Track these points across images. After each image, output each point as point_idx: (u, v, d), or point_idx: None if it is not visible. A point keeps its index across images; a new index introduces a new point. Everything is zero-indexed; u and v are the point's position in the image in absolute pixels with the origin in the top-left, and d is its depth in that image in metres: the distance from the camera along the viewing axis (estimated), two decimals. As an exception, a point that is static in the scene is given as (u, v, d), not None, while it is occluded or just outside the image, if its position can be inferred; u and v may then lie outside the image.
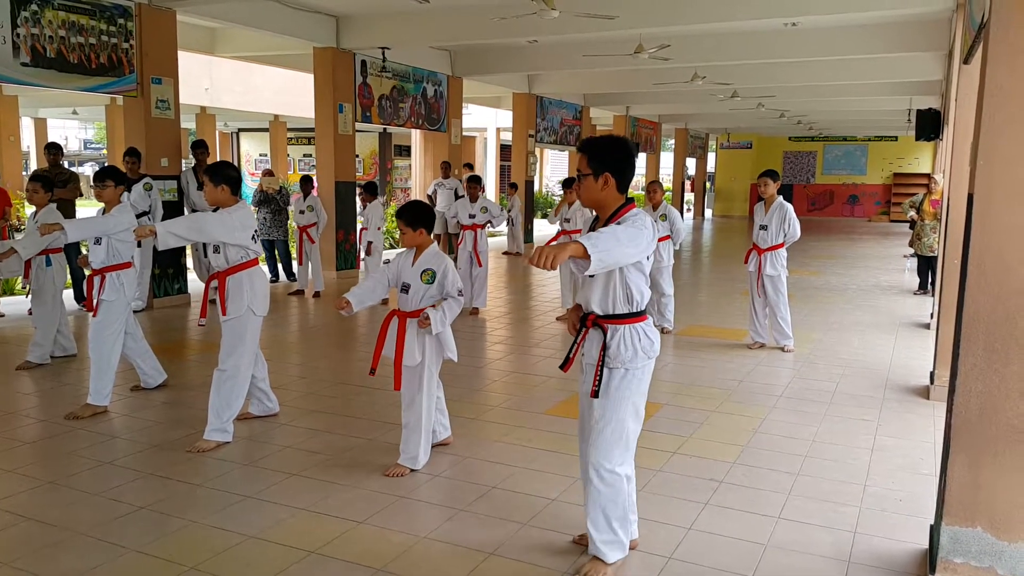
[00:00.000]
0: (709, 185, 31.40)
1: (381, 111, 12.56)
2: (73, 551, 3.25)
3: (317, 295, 9.69)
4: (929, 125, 12.35)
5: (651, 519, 3.56)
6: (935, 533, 3.04)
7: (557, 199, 27.96)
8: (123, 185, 5.30)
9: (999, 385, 2.80)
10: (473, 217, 8.73)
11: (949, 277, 5.56)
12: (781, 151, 28.73)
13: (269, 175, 11.01)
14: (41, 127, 24.88)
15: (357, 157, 13.19)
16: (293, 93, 18.70)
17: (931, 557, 3.06)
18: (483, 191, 9.30)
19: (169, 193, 9.01)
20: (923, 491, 3.91)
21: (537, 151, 19.22)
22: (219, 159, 23.59)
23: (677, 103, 18.72)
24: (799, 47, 11.35)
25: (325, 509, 3.66)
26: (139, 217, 8.25)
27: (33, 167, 25.20)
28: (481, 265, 8.68)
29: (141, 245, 8.36)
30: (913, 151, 26.85)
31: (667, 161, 29.38)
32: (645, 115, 22.55)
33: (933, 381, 5.64)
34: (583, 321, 3.07)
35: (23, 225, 12.59)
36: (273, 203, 10.54)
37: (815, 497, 3.86)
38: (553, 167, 34.05)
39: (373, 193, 9.64)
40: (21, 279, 8.82)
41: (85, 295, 8.50)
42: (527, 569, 3.15)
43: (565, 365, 3.16)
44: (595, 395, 2.97)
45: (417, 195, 17.66)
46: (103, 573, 3.08)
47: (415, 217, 4.06)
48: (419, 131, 15.80)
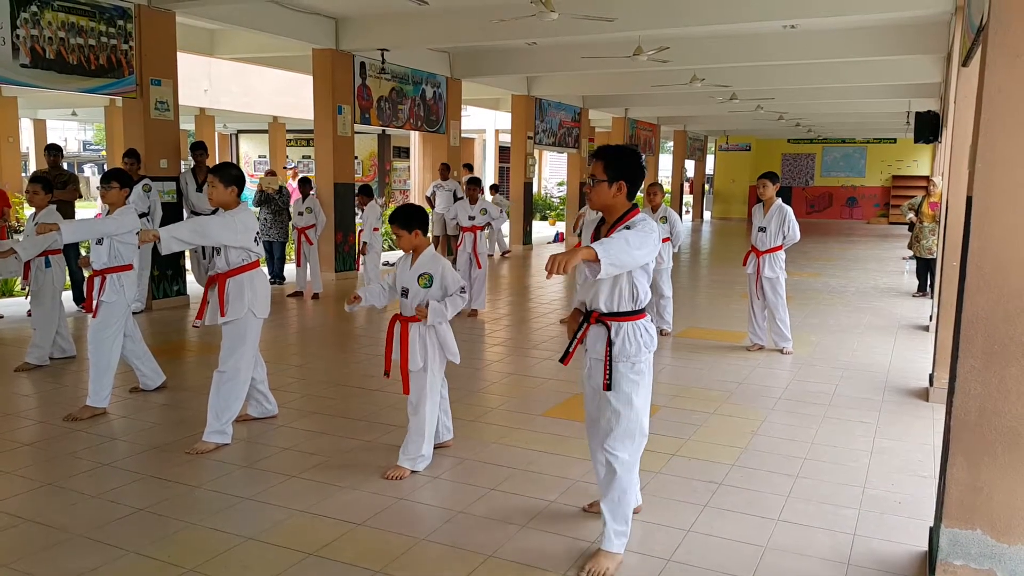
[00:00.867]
0: (708, 187, 31.42)
1: (380, 113, 12.56)
2: (72, 553, 3.24)
3: (316, 297, 9.68)
4: (928, 127, 12.36)
5: (650, 521, 3.56)
6: (934, 535, 3.04)
7: (556, 201, 28.04)
8: (128, 187, 5.32)
9: (998, 387, 2.80)
10: (472, 219, 8.73)
11: (948, 279, 5.56)
12: (780, 153, 28.76)
13: (271, 175, 11.01)
14: (40, 128, 24.88)
15: (356, 159, 13.19)
16: (292, 95, 18.71)
17: (930, 559, 3.06)
18: (483, 193, 9.30)
19: (168, 194, 9.00)
20: (922, 493, 3.91)
21: (536, 153, 19.22)
22: (218, 161, 23.64)
23: (676, 105, 18.73)
24: (798, 49, 11.36)
25: (324, 511, 3.66)
26: (139, 218, 8.27)
27: (32, 168, 25.19)
28: (480, 267, 8.68)
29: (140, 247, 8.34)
30: (912, 153, 26.88)
31: (666, 163, 29.42)
32: (644, 117, 22.58)
33: (932, 383, 5.64)
34: (585, 317, 3.23)
35: (22, 226, 12.58)
36: (273, 203, 10.53)
37: (814, 499, 3.86)
38: (552, 169, 34.05)
39: (369, 195, 9.67)
40: (20, 280, 8.81)
41: (85, 296, 8.51)
42: (526, 571, 3.14)
43: (565, 358, 3.29)
44: (607, 388, 3.15)
45: (416, 197, 17.69)
46: (102, 575, 3.08)
47: (409, 219, 4.06)
48: (418, 133, 15.83)
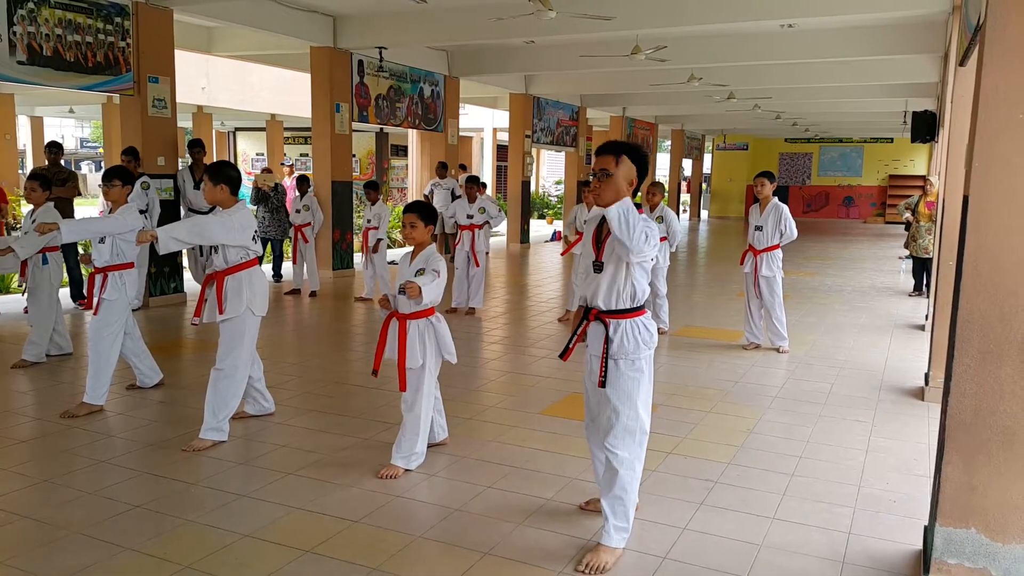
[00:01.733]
0: (705, 186, 31.44)
1: (378, 111, 12.55)
2: (68, 549, 3.24)
3: (313, 295, 9.68)
4: (925, 127, 12.38)
5: (646, 519, 3.57)
6: (929, 534, 3.05)
7: (553, 200, 28.01)
8: (130, 185, 5.31)
9: (993, 386, 2.81)
10: (471, 217, 8.74)
11: (944, 279, 5.57)
12: (777, 152, 28.79)
13: (267, 172, 11.01)
14: (37, 125, 24.83)
15: (354, 157, 13.19)
16: (290, 92, 18.68)
17: (925, 558, 3.07)
18: (481, 192, 9.30)
19: (166, 192, 9.00)
20: (917, 492, 3.93)
21: (534, 152, 19.22)
22: (216, 158, 23.60)
23: (673, 104, 18.74)
24: (795, 49, 11.37)
25: (320, 508, 3.66)
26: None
27: (29, 166, 25.13)
28: (478, 265, 8.68)
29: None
30: (909, 153, 26.93)
31: (663, 162, 29.46)
32: (642, 116, 22.59)
33: (928, 382, 5.65)
34: (585, 315, 3.24)
35: (19, 223, 12.56)
36: (269, 201, 10.53)
37: (810, 498, 3.87)
38: (549, 168, 34.05)
39: (378, 191, 9.66)
40: (17, 277, 8.80)
41: (84, 294, 8.51)
42: (522, 568, 3.15)
43: (564, 354, 3.31)
44: (602, 385, 3.16)
45: (414, 195, 17.68)
46: (98, 571, 3.08)
47: (430, 214, 4.11)
48: (416, 131, 15.83)
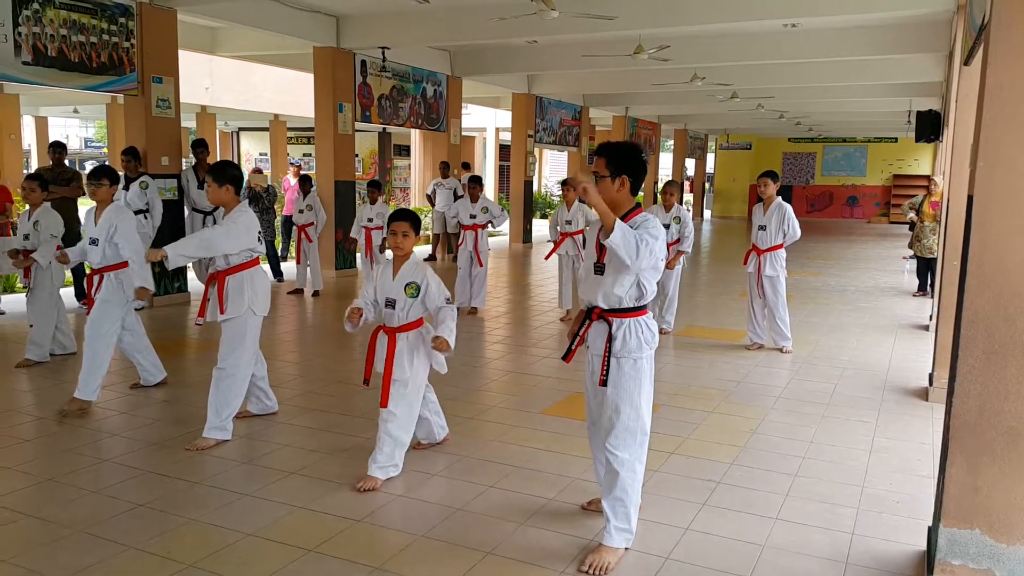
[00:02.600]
0: (708, 186, 31.41)
1: (381, 111, 12.56)
2: (71, 548, 3.25)
3: (316, 294, 9.69)
4: (929, 127, 12.36)
5: (648, 519, 3.56)
6: (933, 535, 3.04)
7: (556, 199, 28.02)
8: (117, 184, 5.29)
9: (998, 387, 2.80)
10: (474, 217, 8.74)
11: (948, 279, 5.57)
12: (780, 152, 28.74)
13: (258, 173, 11.04)
14: (42, 125, 24.87)
15: (357, 157, 13.19)
16: (293, 92, 18.70)
17: (929, 559, 3.07)
18: (483, 191, 9.30)
19: (170, 192, 9.01)
20: (921, 493, 3.92)
21: (536, 151, 19.21)
22: (219, 158, 23.62)
23: (676, 104, 18.72)
24: (799, 48, 11.35)
25: (323, 507, 3.66)
26: (136, 215, 8.26)
27: (34, 165, 25.20)
28: (481, 265, 8.68)
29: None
30: (913, 153, 26.86)
31: (666, 162, 29.43)
32: (644, 116, 22.57)
33: (932, 383, 5.64)
34: (587, 314, 3.24)
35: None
36: (260, 201, 10.55)
37: (813, 498, 3.86)
38: (552, 167, 34.06)
39: (380, 190, 9.68)
40: (20, 277, 8.81)
41: (86, 293, 8.52)
42: (524, 568, 3.15)
43: (567, 356, 3.32)
44: (603, 384, 3.16)
45: (416, 195, 17.69)
46: (101, 570, 3.08)
47: (418, 222, 4.00)
48: (418, 131, 15.83)
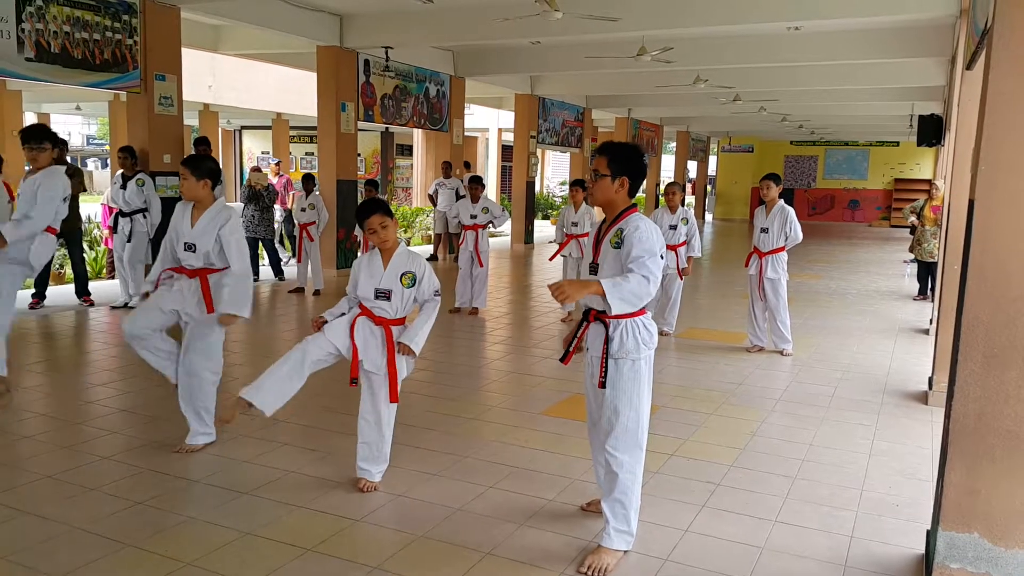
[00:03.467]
0: (710, 188, 31.41)
1: (384, 110, 12.57)
2: (70, 546, 3.25)
3: (317, 293, 9.69)
4: (931, 131, 12.35)
5: (648, 521, 3.56)
6: (931, 538, 3.04)
7: (558, 200, 28.01)
8: (61, 147, 5.10)
9: (998, 391, 2.80)
10: (475, 217, 8.74)
11: (949, 283, 5.56)
12: (782, 155, 28.74)
13: (257, 171, 11.05)
14: (44, 122, 24.91)
15: (359, 156, 13.19)
16: (296, 91, 18.73)
17: (927, 562, 3.07)
18: (484, 191, 9.30)
19: (171, 189, 9.01)
20: (920, 496, 3.92)
21: (539, 152, 19.21)
22: (221, 156, 23.63)
23: (679, 106, 18.74)
24: (802, 51, 11.36)
25: (322, 507, 3.66)
26: (135, 214, 8.28)
27: (35, 162, 25.19)
28: (482, 265, 8.68)
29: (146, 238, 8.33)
30: (914, 157, 26.86)
31: (668, 164, 29.42)
32: (647, 117, 22.58)
33: (932, 386, 5.64)
34: (584, 316, 3.23)
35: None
36: (260, 200, 10.55)
37: (812, 501, 3.86)
38: (554, 168, 34.07)
39: (377, 189, 9.69)
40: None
41: (88, 290, 8.52)
42: (524, 569, 3.15)
43: (565, 358, 3.32)
44: (602, 386, 3.14)
45: (418, 195, 17.70)
46: (100, 568, 3.08)
47: (388, 209, 3.85)
48: (421, 131, 15.83)
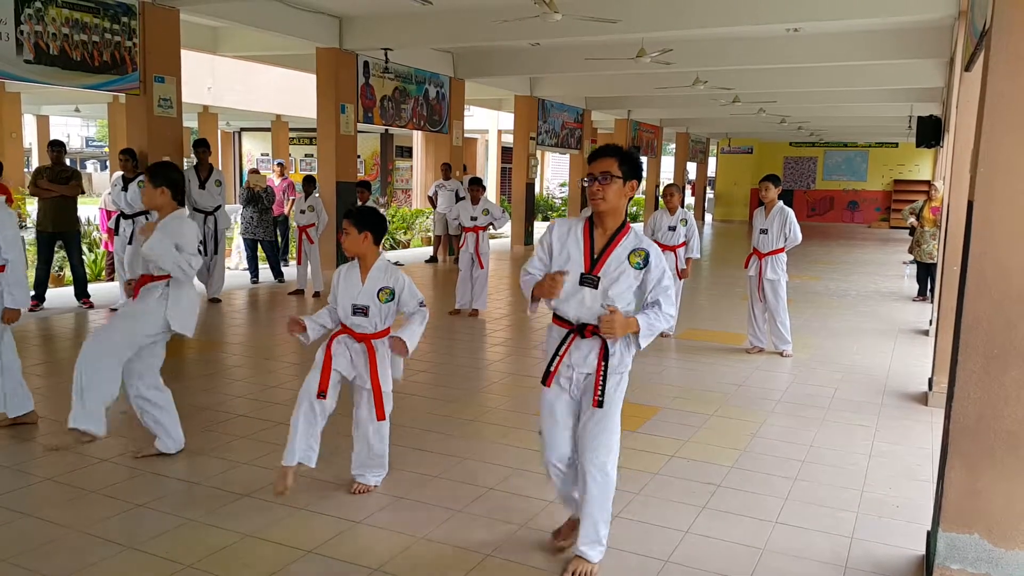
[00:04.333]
0: (710, 189, 31.42)
1: (383, 112, 12.57)
2: (70, 548, 3.25)
3: (317, 295, 9.69)
4: (930, 132, 12.36)
5: (648, 522, 3.56)
6: (932, 539, 3.04)
7: (558, 202, 28.04)
8: None
9: (998, 392, 2.80)
10: (475, 219, 8.73)
11: (948, 284, 5.57)
12: (782, 156, 28.76)
13: (255, 173, 11.06)
14: (43, 124, 24.90)
15: (359, 158, 13.20)
16: (295, 93, 18.72)
17: (928, 563, 3.07)
18: (484, 192, 9.30)
19: (170, 191, 9.01)
20: (920, 497, 3.92)
21: (538, 154, 19.22)
22: (221, 158, 23.64)
23: (678, 107, 18.75)
24: (801, 53, 11.37)
25: (322, 508, 3.66)
26: (138, 216, 8.28)
27: (35, 164, 25.21)
28: (483, 267, 8.68)
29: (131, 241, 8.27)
30: (913, 158, 26.87)
31: (668, 165, 29.43)
32: (646, 119, 22.59)
33: (932, 387, 5.64)
34: (573, 331, 3.02)
35: (24, 222, 12.59)
36: (259, 202, 10.56)
37: (812, 502, 3.86)
38: (554, 170, 34.09)
39: (368, 190, 9.71)
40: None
41: (88, 292, 8.52)
42: (524, 570, 3.15)
43: (547, 379, 3.08)
44: (599, 404, 2.97)
45: (418, 197, 17.71)
46: (100, 570, 3.08)
47: (363, 218, 3.62)
48: (421, 132, 15.84)
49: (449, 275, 10.68)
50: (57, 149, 8.60)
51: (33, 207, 10.26)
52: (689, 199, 29.72)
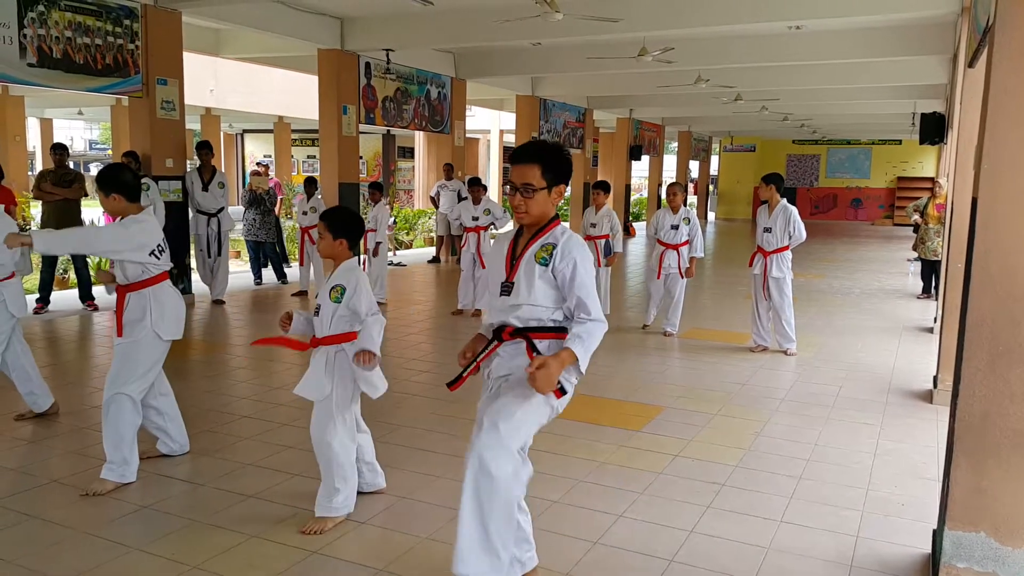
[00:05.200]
0: (712, 188, 31.39)
1: (385, 113, 12.58)
2: (76, 550, 3.25)
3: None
4: (933, 129, 12.32)
5: (653, 522, 3.56)
6: (938, 538, 3.03)
7: (559, 201, 28.00)
8: None
9: (1003, 389, 2.79)
10: (476, 219, 8.74)
11: (953, 281, 5.56)
12: (785, 154, 28.73)
13: (257, 175, 11.06)
14: (47, 127, 24.99)
15: (361, 159, 13.20)
16: (297, 94, 18.75)
17: (934, 562, 3.06)
18: (486, 192, 9.30)
19: (174, 193, 9.03)
20: (926, 496, 3.90)
21: (540, 153, 19.16)
22: (223, 160, 23.70)
23: (681, 106, 18.72)
24: (803, 50, 11.34)
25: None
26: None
27: (39, 167, 25.28)
28: (484, 267, 8.68)
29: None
30: (917, 155, 26.82)
31: (670, 164, 29.40)
32: (648, 118, 22.56)
33: (936, 385, 5.63)
34: (496, 335, 2.79)
35: (28, 225, 12.64)
36: (262, 204, 10.56)
37: (817, 501, 3.86)
38: (556, 169, 34.04)
39: (381, 192, 9.66)
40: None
41: (92, 294, 8.54)
42: (529, 571, 3.14)
43: (455, 384, 2.85)
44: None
45: (420, 197, 17.71)
46: (106, 572, 3.09)
47: (340, 223, 3.49)
48: (422, 133, 15.83)
49: (452, 275, 10.69)
50: (60, 152, 8.62)
51: (37, 210, 10.29)
52: (692, 198, 29.71)
